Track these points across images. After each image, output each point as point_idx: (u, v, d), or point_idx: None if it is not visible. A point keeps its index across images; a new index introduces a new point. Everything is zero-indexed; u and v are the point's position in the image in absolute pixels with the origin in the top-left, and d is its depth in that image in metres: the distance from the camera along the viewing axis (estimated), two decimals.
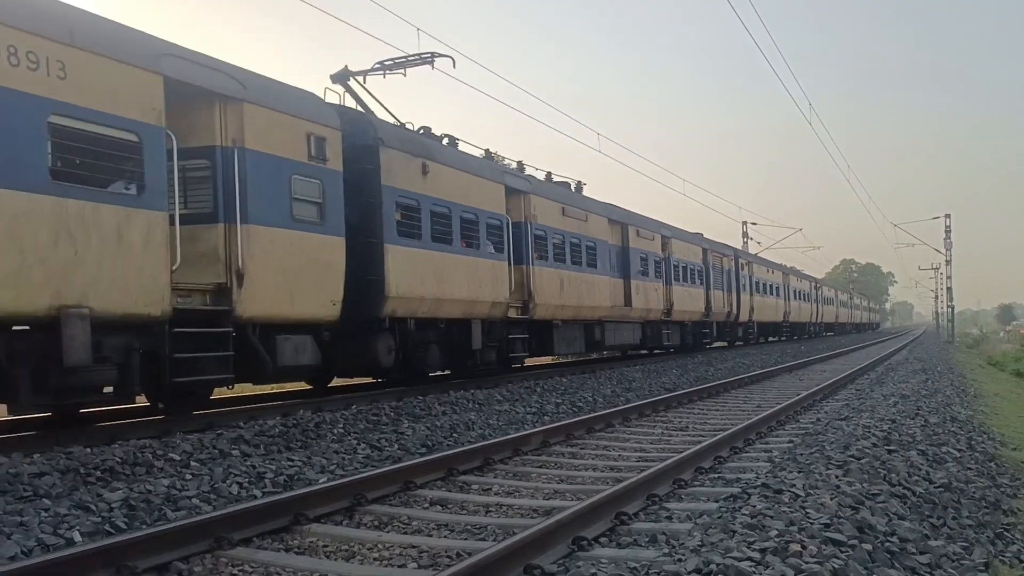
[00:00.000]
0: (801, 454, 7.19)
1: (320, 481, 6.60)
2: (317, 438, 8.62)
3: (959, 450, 8.14)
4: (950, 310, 58.48)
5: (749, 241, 50.78)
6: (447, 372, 14.58)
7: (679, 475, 6.71)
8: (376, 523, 5.68)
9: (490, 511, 6.01)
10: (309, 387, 13.34)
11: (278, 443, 8.21)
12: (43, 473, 6.28)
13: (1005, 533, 5.77)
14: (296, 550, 5.07)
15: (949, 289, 56.56)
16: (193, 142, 9.15)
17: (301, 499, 5.61)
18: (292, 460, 7.37)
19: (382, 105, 13.83)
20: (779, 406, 11.26)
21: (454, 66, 14.50)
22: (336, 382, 13.72)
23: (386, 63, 14.41)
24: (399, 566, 4.74)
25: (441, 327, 13.57)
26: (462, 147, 15.04)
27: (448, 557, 4.81)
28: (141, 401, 9.48)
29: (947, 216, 52.74)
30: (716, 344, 31.31)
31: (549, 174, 18.59)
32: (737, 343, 33.81)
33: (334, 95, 13.12)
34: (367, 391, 13.21)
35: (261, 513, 5.30)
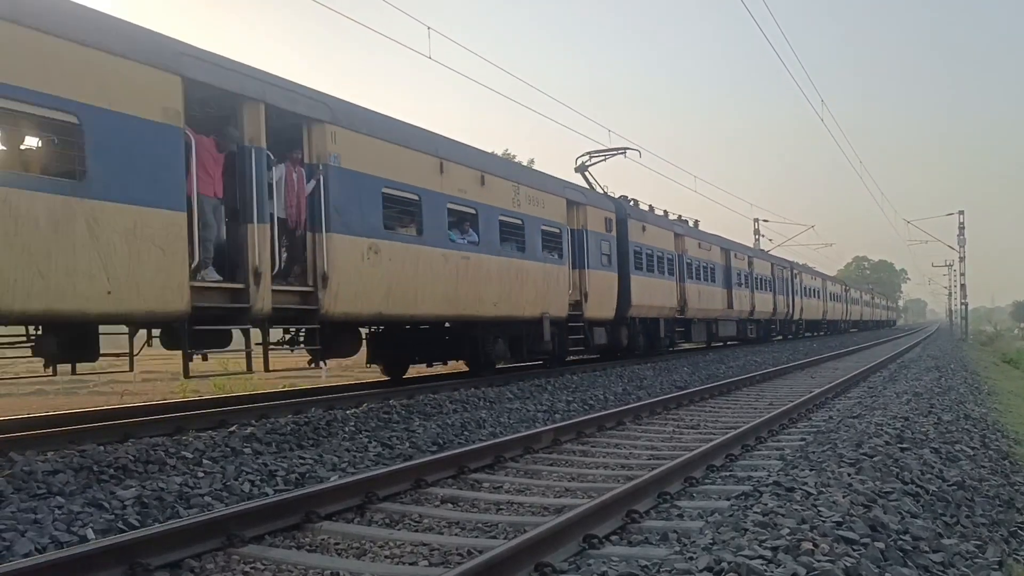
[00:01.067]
0: (813, 452, 7.16)
1: (331, 479, 6.62)
2: (328, 436, 8.65)
3: (972, 448, 8.08)
4: (964, 307, 58.12)
5: (761, 238, 50.59)
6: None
7: (690, 473, 6.70)
8: (387, 521, 5.69)
9: (501, 509, 6.01)
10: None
11: (290, 441, 8.24)
12: (57, 471, 6.33)
13: (1019, 531, 5.73)
14: (308, 548, 5.09)
15: (963, 286, 56.22)
16: None
17: (312, 497, 5.63)
18: (304, 458, 7.39)
19: (599, 185, 21.73)
20: (791, 404, 11.22)
21: (640, 155, 23.36)
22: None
23: (595, 156, 22.39)
24: (410, 564, 4.75)
25: (646, 322, 22.01)
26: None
27: (459, 555, 4.81)
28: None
29: (961, 212, 52.45)
30: (776, 337, 38.78)
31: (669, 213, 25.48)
32: (789, 336, 41.09)
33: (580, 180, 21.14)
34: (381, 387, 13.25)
35: (273, 511, 5.32)
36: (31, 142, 7.88)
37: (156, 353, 10.87)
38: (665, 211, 24.79)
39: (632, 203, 21.69)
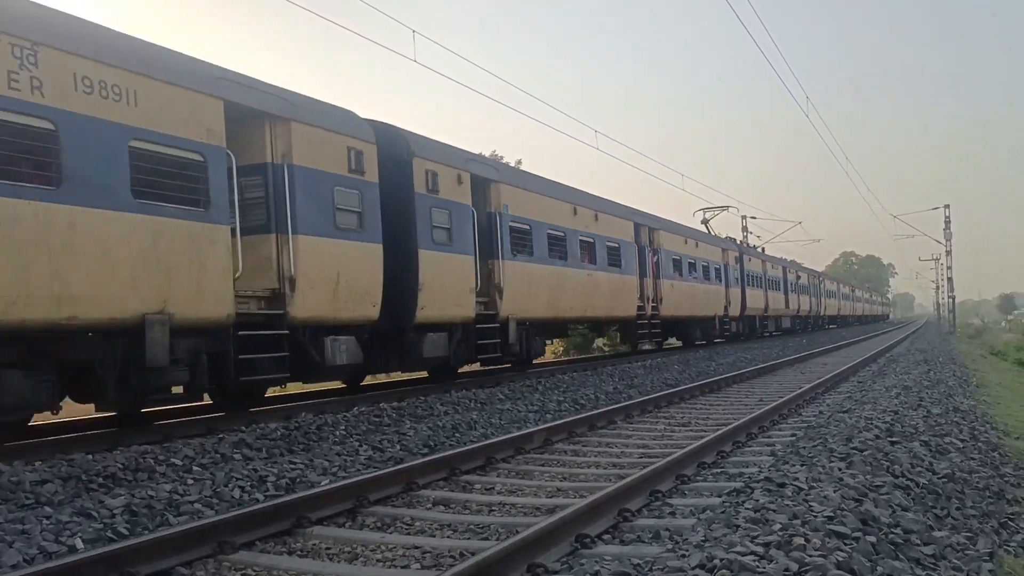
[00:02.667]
0: (804, 447, 7.18)
1: (322, 483, 6.58)
2: (319, 440, 8.61)
3: (962, 440, 8.12)
4: (951, 301, 58.43)
5: (749, 235, 50.74)
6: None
7: (682, 471, 6.70)
8: (379, 524, 5.66)
9: (493, 510, 6.00)
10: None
11: (280, 446, 8.20)
12: (45, 480, 6.27)
13: (1009, 522, 5.76)
14: (299, 553, 5.06)
15: (950, 280, 56.50)
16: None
17: (303, 502, 5.60)
18: (294, 463, 7.35)
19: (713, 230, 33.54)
20: (781, 400, 11.25)
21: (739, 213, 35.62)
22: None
23: (708, 211, 35.84)
24: (402, 567, 4.73)
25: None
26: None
27: (451, 557, 4.80)
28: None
29: (946, 207, 52.67)
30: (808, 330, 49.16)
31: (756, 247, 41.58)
32: (816, 329, 51.74)
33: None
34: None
35: (263, 516, 5.29)
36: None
37: None
38: (763, 248, 43.57)
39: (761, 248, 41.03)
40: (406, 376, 15.46)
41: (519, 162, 38.61)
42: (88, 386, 8.33)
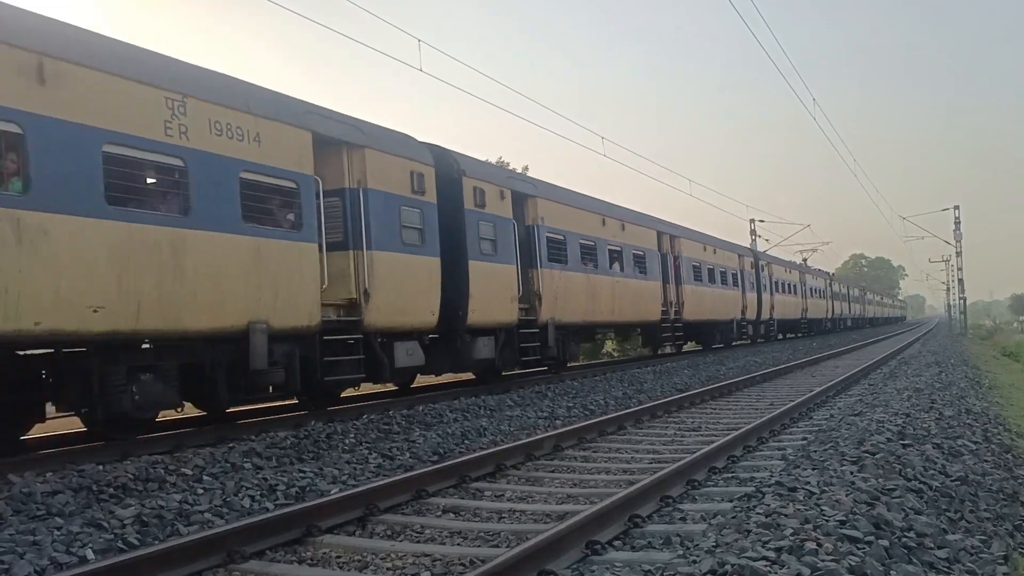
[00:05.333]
0: (815, 451, 7.14)
1: (332, 492, 6.59)
2: (329, 449, 8.61)
3: (975, 442, 8.06)
4: (962, 302, 58.09)
5: (757, 239, 50.58)
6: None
7: (692, 476, 6.68)
8: (389, 532, 5.66)
9: (503, 517, 5.99)
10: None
11: (290, 455, 8.21)
12: (56, 492, 6.29)
13: None
14: (309, 562, 5.06)
15: (960, 281, 56.15)
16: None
17: (313, 510, 5.60)
18: (304, 471, 7.36)
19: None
20: (792, 403, 11.20)
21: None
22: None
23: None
24: (412, 575, 4.72)
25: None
26: None
27: (462, 565, 4.79)
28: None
29: (956, 207, 52.39)
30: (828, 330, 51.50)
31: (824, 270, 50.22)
32: (836, 330, 54.35)
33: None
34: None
35: (273, 526, 5.29)
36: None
37: None
38: (804, 259, 50.05)
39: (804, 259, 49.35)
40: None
41: (525, 168, 38.64)
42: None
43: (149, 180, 8.66)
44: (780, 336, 39.58)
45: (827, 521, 4.50)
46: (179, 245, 8.46)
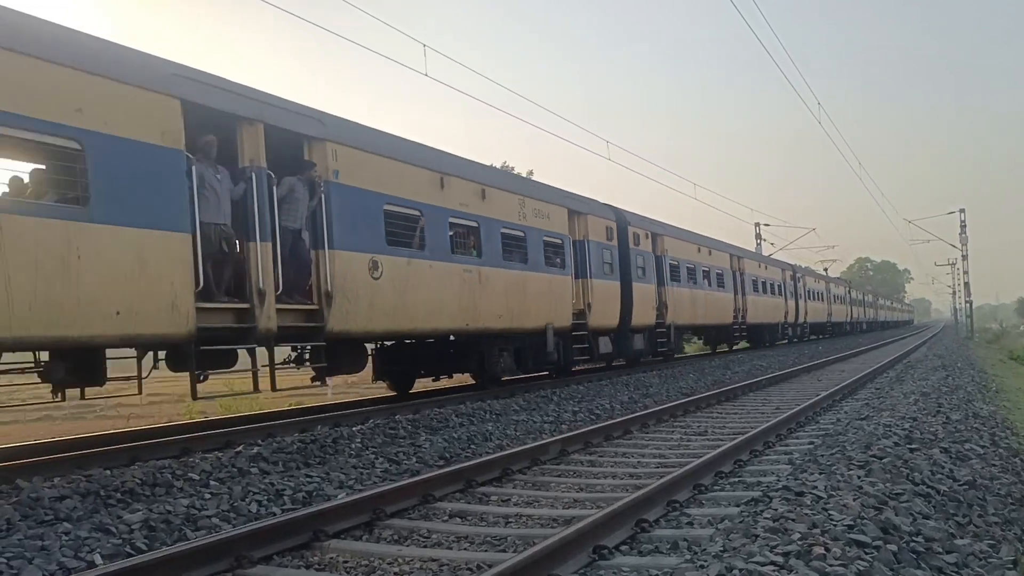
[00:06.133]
0: (822, 455, 7.12)
1: (339, 496, 6.59)
2: (335, 453, 8.62)
3: (982, 446, 8.03)
4: (968, 305, 57.94)
5: (762, 243, 50.56)
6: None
7: (699, 480, 6.67)
8: (396, 537, 5.66)
9: (510, 522, 5.98)
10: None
11: (296, 459, 8.22)
12: (64, 496, 6.30)
13: None
14: (316, 566, 5.06)
15: (966, 284, 56.05)
16: None
17: (320, 515, 5.60)
18: (311, 476, 7.36)
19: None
20: (798, 407, 11.17)
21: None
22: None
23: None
24: None
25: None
26: None
27: (468, 570, 4.78)
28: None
29: (962, 211, 52.38)
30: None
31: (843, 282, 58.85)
32: (854, 332, 58.85)
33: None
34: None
35: (281, 530, 5.29)
36: None
37: (162, 375, 10.84)
38: (825, 269, 57.04)
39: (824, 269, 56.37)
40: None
41: (530, 172, 38.68)
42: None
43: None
44: (813, 337, 45.82)
45: (835, 526, 4.49)
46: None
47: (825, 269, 58.41)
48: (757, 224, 51.43)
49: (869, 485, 5.54)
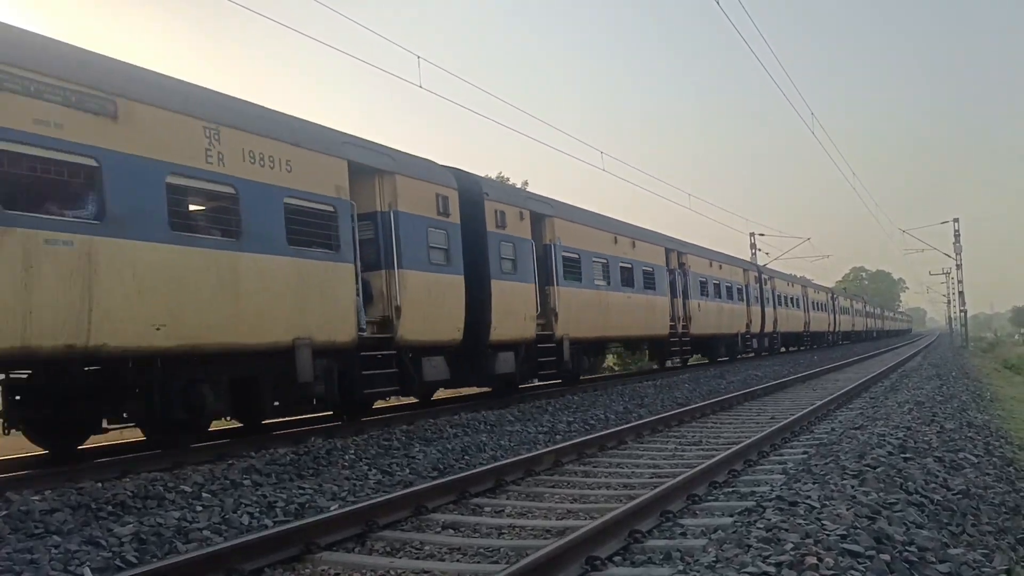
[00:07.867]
0: (816, 465, 7.11)
1: (331, 508, 6.56)
2: (328, 465, 8.59)
3: (976, 456, 8.03)
4: (963, 314, 58.09)
5: (757, 252, 50.63)
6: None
7: (693, 490, 6.65)
8: (388, 549, 5.63)
9: (503, 533, 5.96)
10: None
11: (289, 471, 8.18)
12: (54, 509, 6.26)
13: None
14: None
15: (961, 293, 56.23)
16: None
17: (312, 527, 5.58)
18: (303, 488, 7.33)
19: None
20: (792, 417, 11.17)
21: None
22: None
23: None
24: None
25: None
26: None
27: None
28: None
29: (955, 220, 52.54)
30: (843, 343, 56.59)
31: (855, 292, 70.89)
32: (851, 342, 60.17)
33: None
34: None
35: (272, 543, 5.27)
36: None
37: None
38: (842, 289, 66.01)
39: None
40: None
41: (525, 183, 38.72)
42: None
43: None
44: (842, 342, 52.00)
45: (828, 536, 4.48)
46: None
47: (842, 289, 64.08)
48: (752, 234, 51.55)
49: (863, 494, 5.54)
